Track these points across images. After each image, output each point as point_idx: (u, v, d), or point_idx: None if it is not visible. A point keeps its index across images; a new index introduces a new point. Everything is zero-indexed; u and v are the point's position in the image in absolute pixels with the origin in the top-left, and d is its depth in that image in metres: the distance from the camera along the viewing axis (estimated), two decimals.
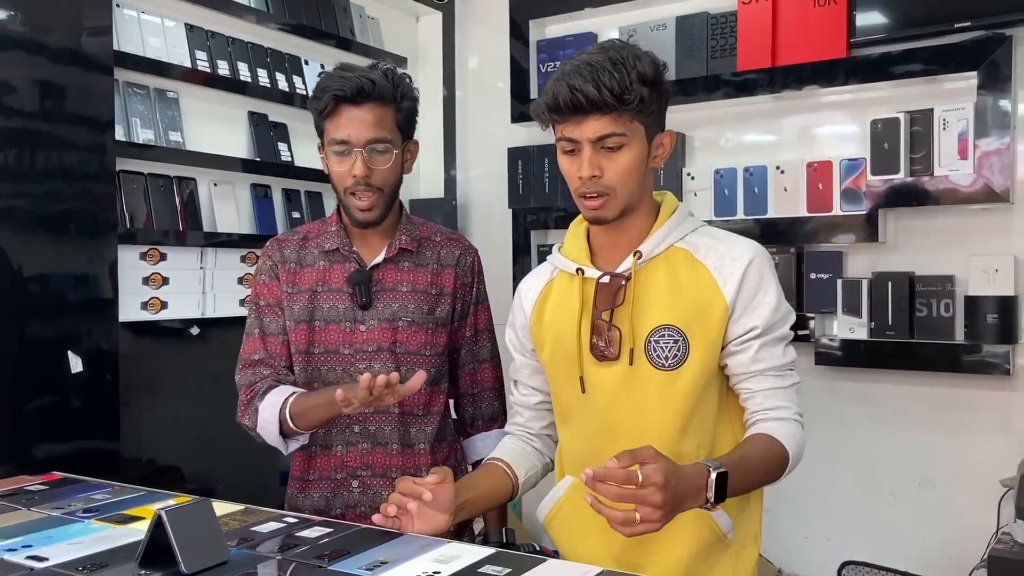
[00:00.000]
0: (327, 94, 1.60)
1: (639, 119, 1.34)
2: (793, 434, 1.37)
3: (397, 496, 1.32)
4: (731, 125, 2.74)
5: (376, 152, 1.61)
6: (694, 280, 1.38)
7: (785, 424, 1.37)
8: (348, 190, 1.63)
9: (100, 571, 1.12)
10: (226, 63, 2.61)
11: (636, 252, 1.40)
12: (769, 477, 1.34)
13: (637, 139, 1.35)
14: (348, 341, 1.66)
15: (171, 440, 2.38)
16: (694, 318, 1.37)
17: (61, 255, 2.12)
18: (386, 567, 1.13)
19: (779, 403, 1.38)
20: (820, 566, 2.54)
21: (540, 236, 3.12)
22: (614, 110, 1.31)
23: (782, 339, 1.40)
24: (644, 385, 1.38)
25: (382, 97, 1.61)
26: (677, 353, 1.36)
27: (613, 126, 1.32)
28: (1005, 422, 2.34)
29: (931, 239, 2.45)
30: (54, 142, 2.10)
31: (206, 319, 2.49)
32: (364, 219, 1.64)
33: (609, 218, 1.38)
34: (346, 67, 1.65)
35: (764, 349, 1.38)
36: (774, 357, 1.38)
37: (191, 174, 2.50)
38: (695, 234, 1.44)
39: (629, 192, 1.37)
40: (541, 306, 1.51)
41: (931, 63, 2.37)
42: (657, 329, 1.37)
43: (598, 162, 1.34)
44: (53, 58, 2.10)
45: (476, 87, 3.32)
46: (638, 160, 1.35)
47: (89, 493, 1.55)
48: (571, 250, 1.49)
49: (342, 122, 1.60)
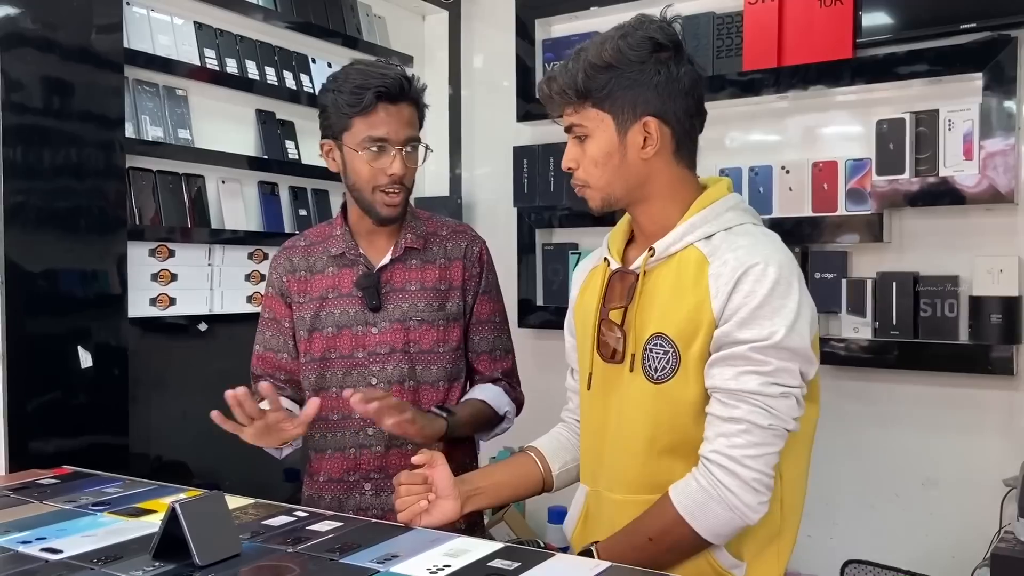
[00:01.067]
0: (368, 91, 1.56)
1: (601, 107, 1.28)
2: (685, 483, 1.22)
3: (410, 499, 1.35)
4: (736, 125, 2.75)
5: (410, 151, 1.62)
6: (695, 288, 1.26)
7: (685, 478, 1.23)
8: (379, 188, 1.61)
9: (114, 563, 1.14)
10: (234, 61, 2.62)
11: (650, 248, 1.31)
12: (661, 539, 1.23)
13: (602, 129, 1.29)
14: (361, 344, 1.67)
15: (178, 436, 2.39)
16: (687, 329, 1.25)
17: (71, 251, 2.13)
18: (396, 560, 1.14)
19: (707, 434, 1.23)
20: (823, 565, 2.55)
21: (545, 235, 3.13)
22: (571, 101, 1.29)
23: (743, 361, 1.19)
24: (636, 395, 1.30)
25: (414, 96, 1.62)
26: (666, 366, 1.26)
27: (575, 117, 1.31)
28: (1008, 422, 2.35)
29: (936, 239, 2.46)
30: (64, 139, 2.11)
31: (214, 315, 2.50)
32: (390, 215, 1.64)
33: (594, 209, 1.35)
34: (371, 63, 1.63)
35: (715, 365, 1.22)
36: (721, 377, 1.21)
37: (199, 171, 2.52)
38: (727, 233, 1.29)
39: (604, 184, 1.31)
40: (582, 292, 1.47)
41: (936, 64, 2.38)
42: (653, 337, 1.28)
43: (575, 154, 1.33)
44: (63, 55, 2.12)
45: (482, 86, 3.33)
46: (604, 152, 1.29)
47: (100, 487, 1.56)
48: (614, 236, 1.44)
49: (380, 119, 1.58)
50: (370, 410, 1.43)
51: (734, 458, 1.19)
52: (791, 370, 1.21)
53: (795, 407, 1.23)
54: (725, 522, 1.21)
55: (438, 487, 1.38)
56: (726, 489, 1.19)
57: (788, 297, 1.22)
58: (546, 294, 3.11)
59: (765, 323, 1.20)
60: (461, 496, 1.39)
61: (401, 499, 1.37)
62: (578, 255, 3.02)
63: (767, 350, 1.19)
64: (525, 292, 3.12)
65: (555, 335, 3.08)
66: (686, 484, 1.23)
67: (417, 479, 1.38)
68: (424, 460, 1.39)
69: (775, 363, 1.20)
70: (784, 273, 1.23)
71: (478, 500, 1.43)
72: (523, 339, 3.09)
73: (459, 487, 1.40)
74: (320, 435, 1.70)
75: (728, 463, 1.19)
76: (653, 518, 1.24)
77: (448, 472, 1.39)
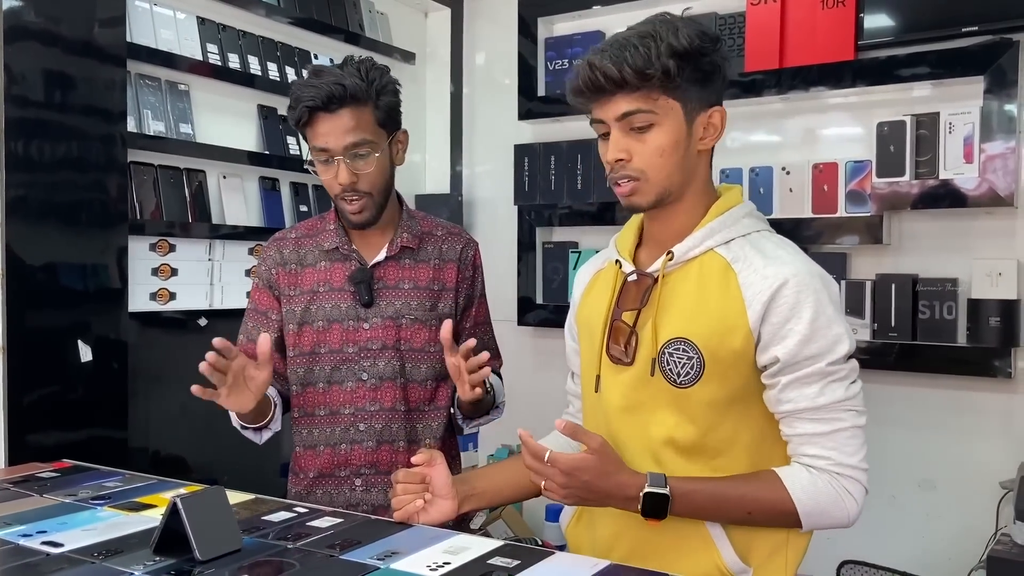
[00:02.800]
0: (300, 104, 1.56)
1: (672, 95, 1.22)
2: (811, 484, 1.21)
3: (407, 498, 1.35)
4: (738, 125, 2.75)
5: (358, 156, 1.58)
6: (723, 294, 1.24)
7: (808, 472, 1.22)
8: (338, 196, 1.62)
9: (115, 557, 1.14)
10: (237, 56, 2.62)
11: (669, 252, 1.28)
12: (757, 519, 1.23)
13: (671, 118, 1.22)
14: (352, 340, 1.66)
15: (177, 430, 2.40)
16: (715, 336, 1.23)
17: (72, 245, 2.13)
18: (397, 557, 1.15)
19: (815, 451, 1.22)
20: (819, 565, 2.55)
21: (545, 233, 3.13)
22: (638, 88, 1.20)
23: (821, 376, 1.21)
24: (655, 397, 1.28)
25: (356, 99, 1.56)
26: (691, 371, 1.24)
27: (639, 103, 1.21)
28: (1006, 425, 2.36)
29: (935, 242, 2.46)
30: (66, 133, 2.11)
31: (214, 310, 2.51)
32: (357, 222, 1.64)
33: (643, 205, 1.28)
34: (317, 71, 1.60)
35: (791, 388, 1.21)
36: (805, 398, 1.21)
37: (200, 166, 2.52)
38: (745, 240, 1.28)
39: (665, 177, 1.25)
40: (587, 294, 1.44)
41: (938, 67, 2.38)
42: (673, 341, 1.25)
43: (626, 144, 1.24)
44: (66, 49, 2.12)
45: (484, 84, 3.33)
46: (672, 141, 1.23)
47: (100, 481, 1.57)
48: (622, 238, 1.40)
49: (319, 130, 1.57)
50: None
51: (854, 466, 1.22)
52: (855, 366, 1.25)
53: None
54: (831, 523, 1.24)
55: (436, 487, 1.38)
56: (852, 499, 1.22)
57: (832, 302, 1.24)
58: (546, 292, 3.12)
59: (828, 334, 1.21)
60: (459, 496, 1.38)
61: (398, 498, 1.37)
62: (578, 253, 3.02)
63: (839, 360, 1.22)
64: (525, 290, 3.12)
65: (554, 333, 3.09)
66: (812, 484, 1.21)
67: (415, 478, 1.38)
68: (423, 460, 1.39)
69: (847, 367, 1.23)
70: (818, 281, 1.23)
71: (476, 501, 1.42)
72: (522, 337, 3.10)
73: (457, 487, 1.39)
74: (307, 431, 1.69)
75: (855, 473, 1.22)
76: (762, 498, 1.22)
77: (446, 472, 1.39)
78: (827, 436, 1.21)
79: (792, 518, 1.22)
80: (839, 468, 1.21)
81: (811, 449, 1.22)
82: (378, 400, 1.65)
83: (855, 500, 1.22)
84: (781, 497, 1.21)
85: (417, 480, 1.38)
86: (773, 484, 1.22)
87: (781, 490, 1.21)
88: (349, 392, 1.66)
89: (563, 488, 1.20)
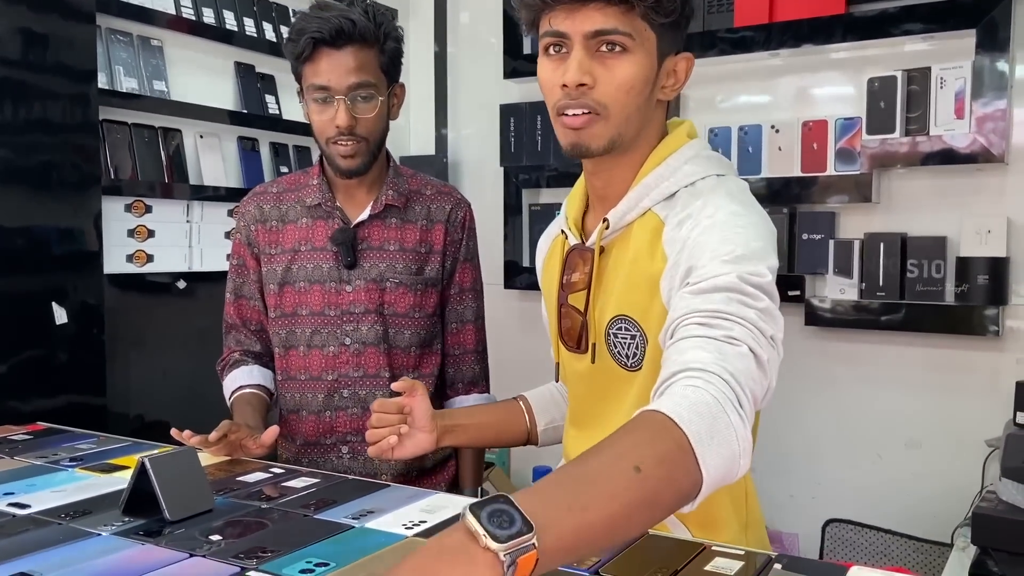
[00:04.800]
0: (304, 36, 1.48)
1: (652, 21, 1.03)
2: (685, 394, 0.82)
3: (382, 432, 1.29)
4: (727, 83, 2.71)
5: (360, 99, 1.52)
6: (650, 256, 1.06)
7: (677, 387, 0.84)
8: (331, 140, 1.54)
9: (83, 518, 1.11)
10: (212, 11, 2.55)
11: (604, 220, 1.12)
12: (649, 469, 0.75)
13: (644, 48, 1.04)
14: (334, 303, 1.61)
15: (159, 395, 2.37)
16: (649, 308, 1.06)
17: (44, 207, 2.08)
18: (372, 516, 1.12)
19: (688, 356, 0.88)
20: (805, 524, 2.56)
21: (532, 195, 3.09)
22: (624, 4, 1.01)
23: (728, 290, 0.93)
24: (613, 384, 1.14)
25: (364, 38, 1.49)
26: (636, 352, 1.10)
27: (617, 21, 1.01)
28: (993, 383, 2.35)
29: (924, 200, 2.44)
30: (35, 92, 2.05)
31: (193, 273, 2.46)
32: (347, 167, 1.55)
33: (593, 149, 1.07)
34: (324, 5, 1.52)
35: (692, 296, 0.94)
36: (709, 303, 0.92)
37: (176, 125, 2.46)
38: (687, 190, 1.08)
39: (625, 117, 1.05)
40: (545, 267, 1.32)
41: (930, 21, 2.34)
42: (614, 320, 1.11)
43: (590, 67, 1.03)
44: (32, 5, 2.04)
45: (468, 43, 3.26)
46: (643, 76, 1.04)
47: (74, 443, 1.54)
48: (570, 201, 1.24)
49: (322, 67, 1.49)
50: None
51: (740, 383, 0.86)
52: (779, 322, 0.96)
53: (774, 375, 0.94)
54: (725, 461, 0.81)
55: (415, 418, 1.28)
56: (738, 414, 0.83)
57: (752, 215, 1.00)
58: (532, 255, 3.07)
59: (742, 243, 0.97)
60: (438, 430, 1.30)
61: (373, 431, 1.28)
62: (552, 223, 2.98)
63: (761, 286, 0.95)
64: (511, 254, 3.09)
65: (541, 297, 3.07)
66: (685, 393, 0.83)
67: (392, 408, 1.28)
68: (404, 388, 1.29)
69: (765, 301, 0.94)
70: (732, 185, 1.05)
71: (456, 436, 1.33)
72: (509, 300, 3.07)
73: (437, 420, 1.30)
74: (290, 395, 1.66)
75: (735, 385, 0.85)
76: (637, 438, 0.79)
77: (427, 403, 1.30)
78: (713, 342, 0.88)
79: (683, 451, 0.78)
80: (716, 370, 0.85)
81: (686, 355, 0.88)
82: (362, 366, 1.62)
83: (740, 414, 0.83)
84: (659, 422, 0.80)
85: (395, 410, 1.29)
86: (644, 415, 0.82)
87: (655, 414, 0.81)
88: (332, 357, 1.62)
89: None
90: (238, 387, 1.65)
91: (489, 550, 0.64)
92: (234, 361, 1.70)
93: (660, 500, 0.77)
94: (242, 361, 1.69)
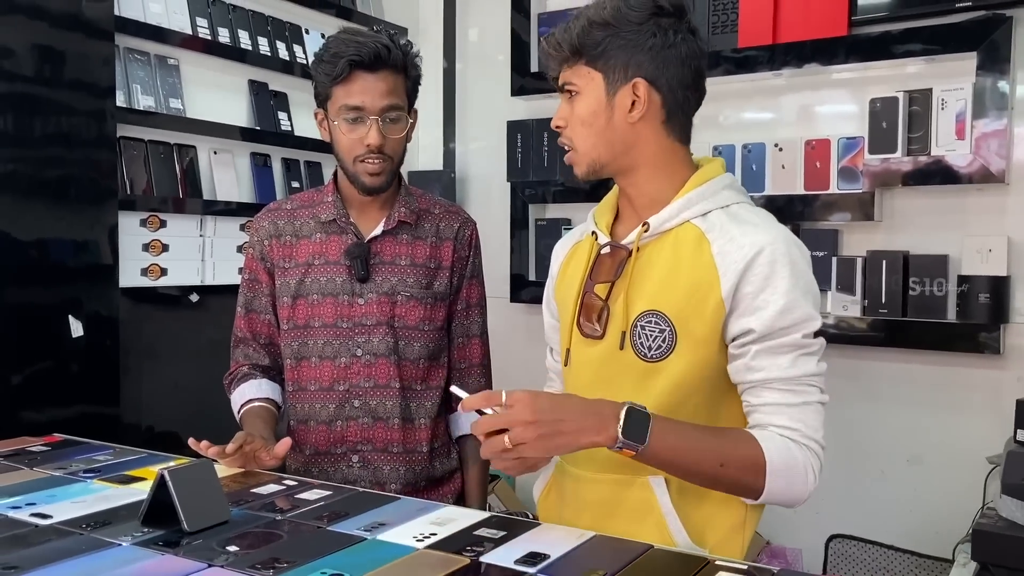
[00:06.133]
0: (342, 59, 1.55)
1: (594, 66, 1.25)
2: (784, 448, 1.17)
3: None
4: (730, 102, 2.74)
5: (390, 120, 1.60)
6: (695, 264, 1.22)
7: (780, 438, 1.18)
8: (358, 158, 1.60)
9: (103, 528, 1.15)
10: (227, 31, 2.60)
11: (644, 223, 1.27)
12: (728, 472, 1.16)
13: (591, 88, 1.26)
14: (346, 315, 1.66)
15: (169, 406, 2.41)
16: (687, 308, 1.22)
17: (61, 221, 2.13)
18: (384, 528, 1.15)
19: (783, 422, 1.19)
20: (808, 539, 2.58)
21: (538, 210, 3.13)
22: (568, 59, 1.27)
23: (794, 348, 1.19)
24: (624, 373, 1.26)
25: (395, 64, 1.60)
26: (662, 344, 1.23)
27: (567, 75, 1.28)
28: (994, 400, 2.38)
29: (926, 219, 2.46)
30: (55, 108, 2.10)
31: (205, 286, 2.51)
32: (373, 184, 1.62)
33: (578, 175, 1.31)
34: (355, 32, 1.62)
35: (763, 357, 1.19)
36: (778, 367, 1.19)
37: (191, 142, 2.51)
38: (723, 211, 1.26)
39: (590, 147, 1.27)
40: (564, 267, 1.44)
41: (931, 43, 2.37)
42: (645, 314, 1.24)
43: (565, 112, 1.30)
44: (54, 23, 2.10)
45: (476, 59, 3.31)
46: (590, 111, 1.26)
47: (90, 455, 1.57)
48: (600, 211, 1.39)
49: (356, 88, 1.57)
50: None
51: (818, 442, 1.21)
52: (823, 344, 1.24)
53: None
54: (789, 494, 1.19)
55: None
56: (813, 474, 1.20)
57: (807, 274, 1.22)
58: (539, 269, 3.12)
59: (798, 307, 1.19)
60: None
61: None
62: (571, 231, 3.02)
63: (812, 333, 1.21)
64: (518, 267, 3.12)
65: None
66: (785, 448, 1.17)
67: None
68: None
69: (817, 343, 1.22)
70: (796, 251, 1.22)
71: None
72: (515, 313, 3.11)
73: None
74: (300, 405, 1.69)
75: (818, 450, 1.21)
76: (737, 451, 1.16)
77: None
78: (796, 408, 1.19)
79: (759, 480, 1.16)
80: (807, 441, 1.19)
81: (780, 419, 1.19)
82: (372, 377, 1.65)
83: (815, 476, 1.20)
84: (755, 453, 1.16)
85: None
86: (748, 440, 1.18)
87: (755, 447, 1.17)
88: (343, 368, 1.65)
89: (535, 425, 1.08)
90: (247, 400, 1.69)
91: (613, 434, 1.11)
92: (243, 375, 1.73)
93: (722, 485, 1.20)
94: (251, 375, 1.73)
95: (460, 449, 1.79)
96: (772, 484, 1.17)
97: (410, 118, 1.66)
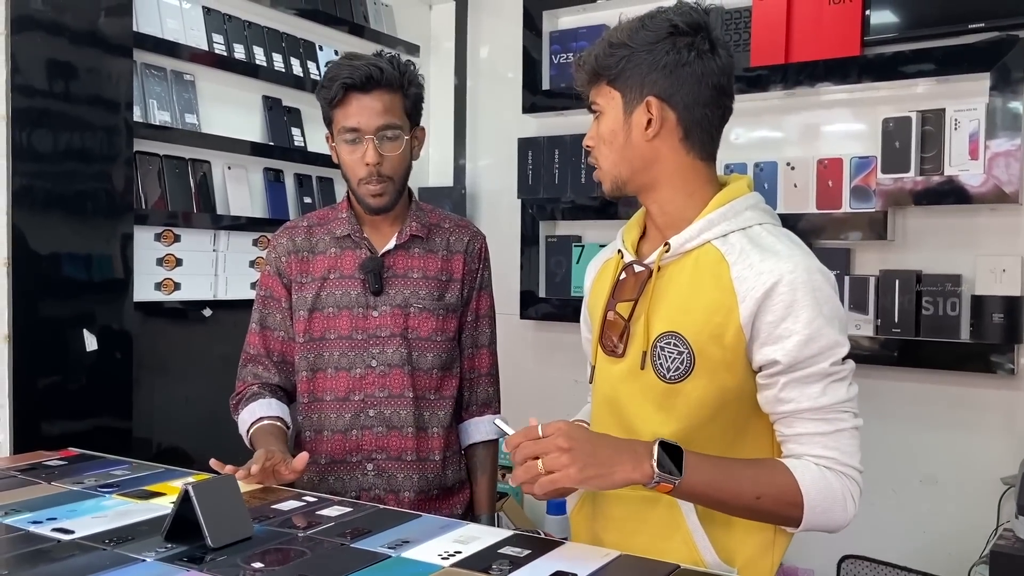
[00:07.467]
0: (336, 82, 1.62)
1: (614, 86, 1.28)
2: (821, 478, 1.17)
3: None
4: (742, 121, 2.75)
5: (386, 139, 1.65)
6: (714, 287, 1.21)
7: (816, 468, 1.18)
8: (362, 180, 1.65)
9: (126, 544, 1.14)
10: (242, 47, 2.62)
11: (666, 243, 1.28)
12: (764, 504, 1.17)
13: (612, 107, 1.29)
14: (361, 327, 1.69)
15: (181, 421, 2.40)
16: (704, 331, 1.21)
17: (77, 235, 2.13)
18: (408, 546, 1.15)
19: (818, 451, 1.19)
20: (820, 560, 2.57)
21: (548, 227, 3.13)
22: (591, 80, 1.31)
23: (822, 376, 1.18)
24: (645, 392, 1.27)
25: (390, 84, 1.64)
26: (680, 367, 1.23)
27: (593, 95, 1.32)
28: (1008, 421, 2.37)
29: (939, 238, 2.47)
30: (72, 122, 2.11)
31: (218, 301, 2.51)
32: (376, 205, 1.68)
33: (607, 193, 1.33)
34: (353, 56, 1.68)
35: (791, 388, 1.19)
36: (807, 397, 1.18)
37: (205, 157, 2.52)
38: (743, 233, 1.25)
39: (611, 165, 1.30)
40: (595, 284, 1.45)
41: (944, 63, 2.39)
42: (664, 335, 1.24)
43: (593, 132, 1.33)
44: (72, 39, 2.11)
45: (488, 77, 3.32)
46: (609, 130, 1.29)
47: (107, 469, 1.57)
48: (628, 229, 1.41)
49: (352, 110, 1.63)
50: None
51: (855, 467, 1.21)
52: (853, 367, 1.23)
53: None
54: (829, 522, 1.20)
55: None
56: (852, 501, 1.20)
57: (831, 300, 1.20)
58: (548, 286, 3.12)
59: (828, 333, 1.18)
60: None
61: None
62: (581, 248, 3.03)
63: (839, 360, 1.20)
64: (527, 284, 3.12)
65: (556, 327, 3.10)
66: (822, 478, 1.18)
67: None
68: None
69: (846, 368, 1.21)
70: (818, 277, 1.20)
71: None
72: (525, 330, 3.11)
73: None
74: (316, 416, 1.71)
75: (856, 475, 1.21)
76: (773, 483, 1.17)
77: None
78: (830, 436, 1.19)
79: (797, 511, 1.17)
80: (843, 468, 1.19)
81: (814, 449, 1.19)
82: (387, 387, 1.68)
83: (855, 502, 1.20)
84: (791, 486, 1.17)
85: None
86: (783, 471, 1.18)
87: (791, 479, 1.17)
88: (358, 379, 1.69)
89: (571, 453, 1.10)
90: (258, 419, 1.69)
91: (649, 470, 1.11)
92: (251, 394, 1.73)
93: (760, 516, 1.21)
94: (260, 394, 1.73)
95: (468, 459, 1.82)
96: (810, 514, 1.18)
97: (409, 136, 1.69)
